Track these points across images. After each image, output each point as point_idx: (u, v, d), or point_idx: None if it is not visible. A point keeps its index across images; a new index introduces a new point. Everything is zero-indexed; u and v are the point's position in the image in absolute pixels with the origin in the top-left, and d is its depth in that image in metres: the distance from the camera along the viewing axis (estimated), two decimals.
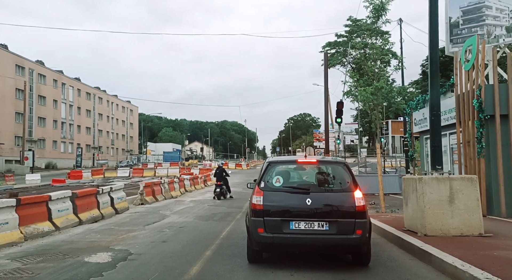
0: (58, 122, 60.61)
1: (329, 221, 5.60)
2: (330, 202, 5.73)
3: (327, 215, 5.65)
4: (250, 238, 5.92)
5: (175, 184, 19.67)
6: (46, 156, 56.70)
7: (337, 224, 5.58)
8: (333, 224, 5.59)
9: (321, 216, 5.64)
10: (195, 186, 23.86)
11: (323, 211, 5.68)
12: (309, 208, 5.66)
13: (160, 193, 17.27)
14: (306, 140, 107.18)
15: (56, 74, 60.35)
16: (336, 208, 5.68)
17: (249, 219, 5.95)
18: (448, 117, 12.29)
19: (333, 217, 5.62)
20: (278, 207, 5.76)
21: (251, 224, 5.84)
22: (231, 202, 16.83)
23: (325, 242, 5.63)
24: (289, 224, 5.65)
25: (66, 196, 9.85)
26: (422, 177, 7.40)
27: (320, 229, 5.60)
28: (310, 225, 5.63)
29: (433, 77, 7.98)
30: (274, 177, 6.12)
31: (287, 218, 5.67)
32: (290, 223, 5.65)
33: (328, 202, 5.73)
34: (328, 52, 65.51)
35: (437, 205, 7.26)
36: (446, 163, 12.54)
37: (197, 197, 19.01)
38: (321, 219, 5.62)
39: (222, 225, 10.20)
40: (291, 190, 5.95)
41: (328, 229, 5.59)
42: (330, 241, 5.62)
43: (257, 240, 5.76)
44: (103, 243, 7.80)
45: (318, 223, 5.61)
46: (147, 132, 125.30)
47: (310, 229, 5.61)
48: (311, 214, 5.65)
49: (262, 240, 5.72)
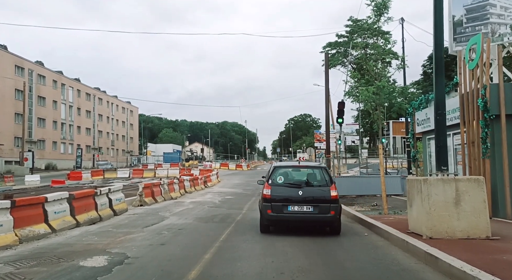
0: (58, 123, 60.46)
1: (313, 205, 8.50)
2: (314, 193, 8.67)
3: (312, 201, 8.52)
4: (262, 217, 8.90)
5: (174, 185, 19.46)
6: (46, 157, 56.55)
7: (319, 207, 8.47)
8: (316, 207, 8.48)
9: (308, 202, 8.52)
10: (195, 187, 23.66)
11: (310, 199, 8.54)
12: (300, 197, 8.55)
13: (160, 194, 17.07)
14: (306, 141, 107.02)
15: (55, 74, 60.22)
16: (318, 197, 8.55)
17: (261, 204, 8.93)
18: (452, 117, 12.08)
19: (316, 202, 8.50)
20: (280, 196, 8.61)
21: (263, 207, 8.76)
22: (231, 203, 16.65)
23: (311, 219, 8.57)
24: (287, 207, 8.54)
25: (63, 198, 9.66)
26: (427, 178, 7.21)
27: (307, 211, 8.50)
28: (301, 208, 8.51)
29: (438, 75, 7.79)
30: (278, 176, 9.07)
31: (286, 204, 8.53)
32: (288, 207, 8.54)
33: (313, 193, 8.66)
34: (328, 52, 65.46)
35: (443, 207, 7.06)
36: (450, 164, 12.34)
37: (197, 198, 18.82)
38: (308, 204, 8.50)
39: (222, 227, 10.01)
40: (289, 185, 8.89)
41: (312, 210, 8.48)
42: (314, 218, 8.53)
43: (266, 218, 8.73)
44: (100, 246, 7.60)
45: (306, 207, 8.50)
46: (147, 133, 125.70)
47: (301, 211, 8.50)
48: (302, 201, 8.52)
49: (270, 218, 8.67)
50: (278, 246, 7.62)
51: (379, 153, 12.07)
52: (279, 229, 9.05)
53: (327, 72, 31.25)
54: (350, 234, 9.35)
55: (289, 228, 8.97)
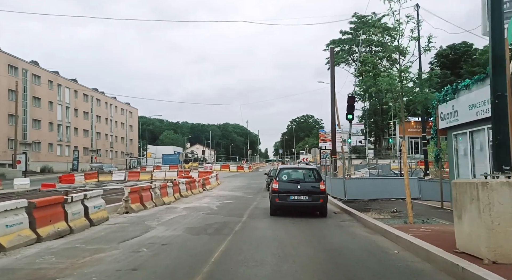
0: (54, 124, 58.69)
1: (308, 195, 11.85)
2: (308, 187, 12.02)
3: (307, 193, 11.87)
4: (271, 204, 12.35)
5: (168, 188, 17.63)
6: (42, 160, 54.79)
7: (312, 197, 11.85)
8: (309, 197, 11.85)
9: (304, 193, 11.86)
10: (191, 191, 21.84)
11: (305, 191, 11.89)
12: (299, 189, 11.92)
13: (150, 200, 15.25)
14: (309, 142, 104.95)
15: (51, 75, 58.48)
16: (311, 189, 11.95)
17: (271, 195, 12.50)
18: (488, 109, 10.22)
19: (310, 193, 11.87)
20: (284, 189, 11.97)
21: (272, 197, 12.28)
22: (230, 209, 14.81)
23: (306, 205, 11.96)
24: (289, 196, 11.87)
25: (20, 207, 7.85)
26: (488, 182, 5.35)
27: (304, 199, 11.85)
28: (299, 197, 11.86)
29: (496, 46, 5.92)
30: (283, 175, 12.66)
31: (288, 194, 11.89)
32: (290, 196, 11.86)
33: (307, 187, 12.01)
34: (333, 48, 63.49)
35: (511, 221, 5.22)
36: (486, 165, 10.48)
37: (193, 203, 16.99)
38: (304, 194, 11.85)
39: (215, 242, 8.17)
40: (291, 181, 12.37)
41: (307, 199, 11.85)
42: (308, 204, 11.94)
43: (274, 204, 12.12)
44: (51, 273, 5.77)
45: (303, 196, 11.85)
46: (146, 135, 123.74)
47: (299, 199, 11.86)
48: (299, 192, 11.87)
49: (277, 204, 12.04)
50: None
51: (403, 151, 10.21)
52: None
53: (332, 67, 29.44)
54: (373, 249, 7.50)
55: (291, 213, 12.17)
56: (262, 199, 19.20)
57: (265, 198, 19.75)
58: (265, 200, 18.50)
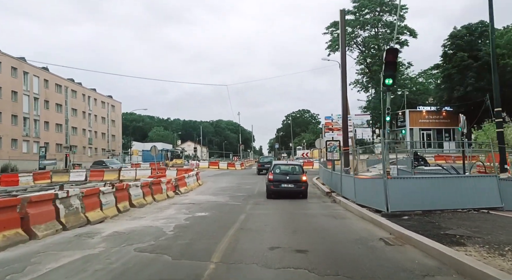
0: (19, 117, 51.51)
1: (294, 184, 16.13)
2: (294, 178, 16.26)
3: (294, 182, 16.14)
4: (267, 189, 16.51)
5: (101, 197, 10.96)
6: (3, 157, 47.72)
7: (296, 185, 16.13)
8: (295, 185, 16.12)
9: (292, 182, 16.12)
10: (153, 196, 15.21)
11: (292, 180, 16.14)
12: (287, 180, 16.14)
13: (53, 219, 8.63)
14: (306, 137, 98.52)
15: (15, 61, 51.24)
16: (296, 180, 16.21)
17: (267, 183, 16.58)
18: None
19: (295, 182, 16.14)
20: (277, 179, 16.17)
21: (268, 184, 16.42)
22: (197, 233, 8.19)
23: (293, 191, 16.14)
24: (281, 184, 16.04)
25: None
26: None
27: (291, 186, 16.09)
28: (288, 185, 16.08)
29: None
30: (276, 169, 16.92)
31: (280, 182, 16.07)
32: (281, 184, 16.03)
33: (294, 178, 16.24)
34: (333, 32, 56.58)
35: None
36: None
37: (138, 222, 10.34)
38: (291, 183, 16.10)
39: None
40: (282, 173, 16.58)
41: (294, 186, 16.11)
42: (294, 190, 16.15)
43: (270, 190, 16.28)
44: None
45: (291, 184, 16.08)
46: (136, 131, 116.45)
47: (288, 186, 16.08)
48: (288, 181, 16.11)
49: (272, 190, 16.17)
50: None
51: None
52: None
53: (343, 32, 22.93)
54: None
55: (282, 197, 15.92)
56: (255, 209, 12.75)
57: (259, 206, 13.42)
58: (259, 210, 12.12)
